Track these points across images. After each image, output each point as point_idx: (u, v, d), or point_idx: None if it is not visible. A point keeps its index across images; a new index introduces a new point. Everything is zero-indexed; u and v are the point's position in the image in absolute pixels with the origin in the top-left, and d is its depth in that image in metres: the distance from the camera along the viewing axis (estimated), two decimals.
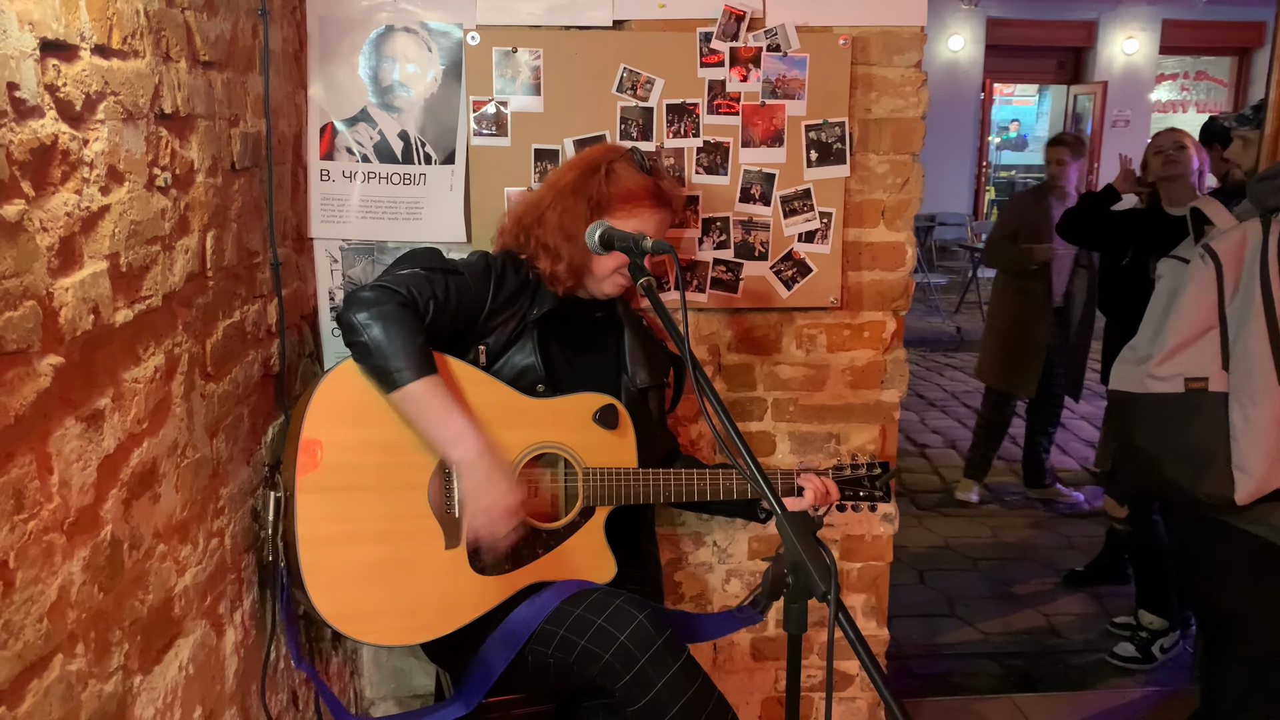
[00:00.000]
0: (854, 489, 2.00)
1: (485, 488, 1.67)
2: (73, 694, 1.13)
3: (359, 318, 1.66)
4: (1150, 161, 3.53)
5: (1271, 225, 1.77)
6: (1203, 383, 1.80)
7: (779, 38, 2.21)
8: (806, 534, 1.25)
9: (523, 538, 1.79)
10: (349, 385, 1.72)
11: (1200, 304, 1.81)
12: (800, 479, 1.92)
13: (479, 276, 1.84)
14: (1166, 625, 3.40)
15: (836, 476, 1.98)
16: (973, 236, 11.34)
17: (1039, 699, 3.15)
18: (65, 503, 1.12)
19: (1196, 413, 1.80)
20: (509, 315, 1.86)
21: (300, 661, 1.80)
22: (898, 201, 2.34)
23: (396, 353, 1.64)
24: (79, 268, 1.15)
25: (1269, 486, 1.76)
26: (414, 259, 1.82)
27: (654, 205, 1.89)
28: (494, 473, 1.68)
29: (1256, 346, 1.74)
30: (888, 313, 2.39)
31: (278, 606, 1.79)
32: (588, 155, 1.94)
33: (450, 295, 1.78)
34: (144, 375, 1.33)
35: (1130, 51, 13.46)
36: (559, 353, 1.92)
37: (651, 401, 2.02)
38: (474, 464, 1.67)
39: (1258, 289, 1.75)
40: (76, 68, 1.15)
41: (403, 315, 1.68)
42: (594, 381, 1.91)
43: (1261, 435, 1.75)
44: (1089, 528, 4.54)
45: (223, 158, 1.65)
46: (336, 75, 2.17)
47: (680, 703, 1.62)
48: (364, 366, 1.70)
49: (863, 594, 2.53)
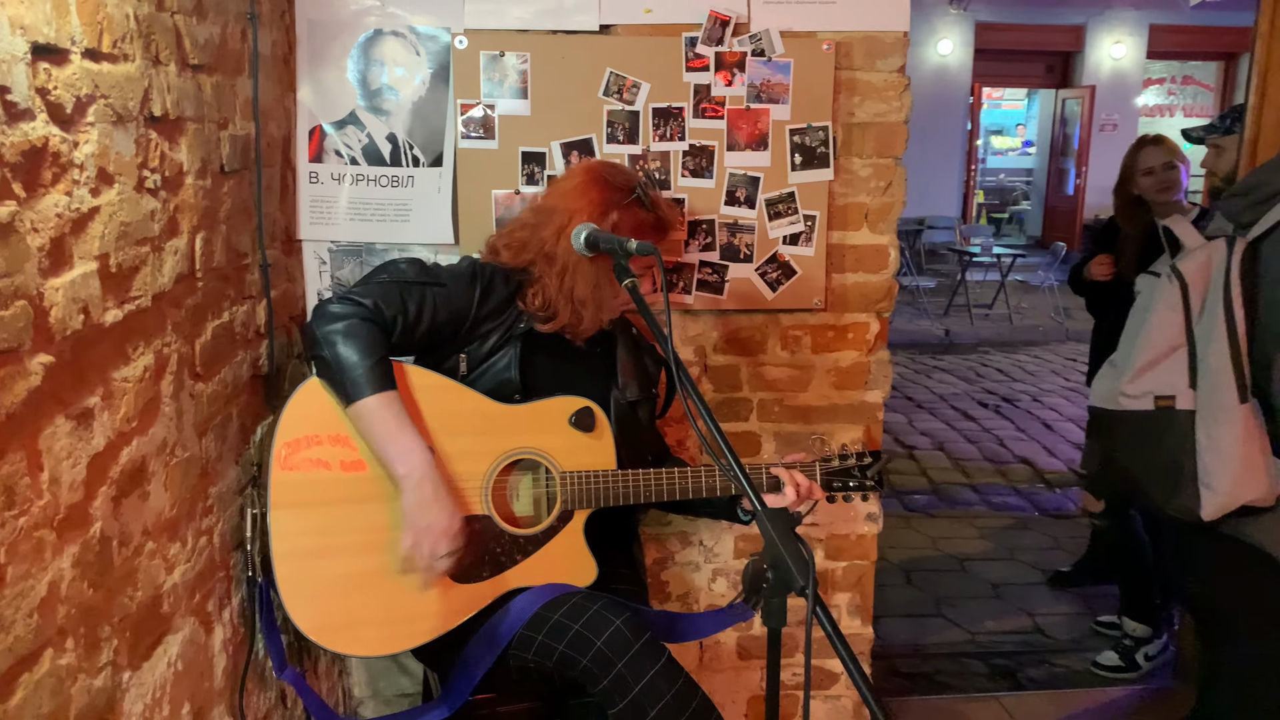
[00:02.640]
0: (844, 479, 1.98)
1: (426, 507, 1.67)
2: (62, 688, 1.14)
3: (321, 331, 1.67)
4: (1140, 182, 3.38)
5: (1235, 245, 1.80)
6: (1171, 400, 1.84)
7: (763, 42, 2.23)
8: (785, 529, 1.27)
9: (500, 544, 1.81)
10: (319, 399, 1.73)
11: (1168, 323, 1.85)
12: (783, 475, 1.90)
13: (463, 286, 1.83)
14: (1150, 632, 3.42)
15: (825, 469, 1.96)
16: (961, 240, 11.40)
17: (1025, 698, 3.18)
18: (56, 499, 1.13)
19: (1166, 430, 1.84)
20: (495, 325, 1.86)
21: (283, 670, 1.81)
22: (881, 204, 2.37)
23: (351, 368, 1.65)
24: (69, 268, 1.17)
25: (1235, 503, 1.79)
26: (393, 269, 1.81)
27: (658, 239, 1.90)
28: (436, 493, 1.68)
29: (1219, 365, 1.77)
30: (871, 314, 2.42)
31: (259, 619, 1.80)
32: (595, 200, 1.85)
33: (425, 308, 1.77)
34: (133, 375, 1.35)
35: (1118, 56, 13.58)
36: (546, 363, 1.90)
37: (641, 411, 2.01)
38: (417, 482, 1.67)
39: (1221, 308, 1.78)
40: (67, 71, 1.17)
41: (364, 330, 1.68)
42: (579, 391, 1.88)
43: (1226, 453, 1.78)
44: (1075, 528, 4.58)
45: (212, 160, 1.67)
46: (325, 78, 2.19)
47: (659, 706, 1.63)
48: (323, 380, 1.71)
49: (848, 593, 2.56)
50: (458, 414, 1.78)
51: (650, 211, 1.89)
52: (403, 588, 1.74)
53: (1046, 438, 6.17)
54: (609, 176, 1.90)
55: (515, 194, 2.24)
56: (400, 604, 1.75)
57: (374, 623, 1.74)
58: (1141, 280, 1.96)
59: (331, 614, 1.72)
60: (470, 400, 1.80)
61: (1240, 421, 1.77)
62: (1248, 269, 1.79)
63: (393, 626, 1.75)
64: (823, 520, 2.50)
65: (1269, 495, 1.80)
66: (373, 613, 1.73)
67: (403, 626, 1.75)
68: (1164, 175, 3.32)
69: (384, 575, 1.74)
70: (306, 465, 1.71)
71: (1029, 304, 10.40)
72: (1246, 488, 1.79)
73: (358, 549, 1.73)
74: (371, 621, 1.73)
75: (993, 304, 10.22)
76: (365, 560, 1.73)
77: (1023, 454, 5.83)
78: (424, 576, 1.71)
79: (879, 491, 2.04)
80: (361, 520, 1.73)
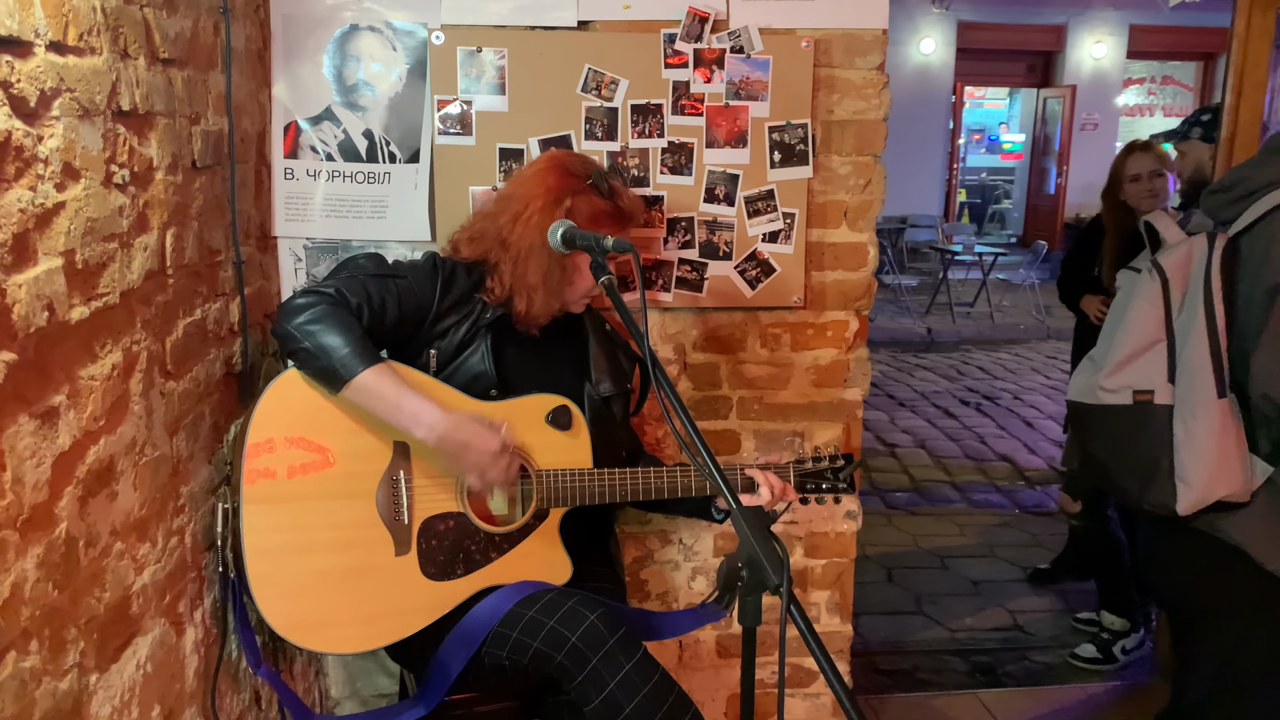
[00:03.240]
0: (817, 481, 2.00)
1: (466, 451, 1.68)
2: (26, 691, 1.12)
3: (293, 325, 1.66)
4: (1127, 188, 3.35)
5: (1216, 241, 1.80)
6: (1149, 395, 1.84)
7: (742, 39, 2.23)
8: (760, 528, 1.26)
9: (475, 542, 1.80)
10: (292, 396, 1.71)
11: (1147, 317, 1.85)
12: (758, 476, 1.91)
13: (424, 278, 1.83)
14: (1128, 626, 3.44)
15: (799, 470, 1.97)
16: (944, 238, 11.44)
17: (1004, 694, 3.19)
18: (18, 499, 1.11)
19: (1143, 425, 1.84)
20: (460, 318, 1.85)
21: (259, 666, 1.80)
22: (860, 202, 2.37)
23: (337, 348, 1.65)
24: (33, 264, 1.15)
25: (1210, 498, 1.80)
26: (353, 265, 1.82)
27: (618, 228, 1.90)
28: (464, 429, 1.68)
29: (1198, 360, 1.78)
30: (850, 312, 2.42)
31: (232, 614, 1.78)
32: (550, 186, 1.85)
33: (388, 299, 1.77)
34: (101, 373, 1.33)
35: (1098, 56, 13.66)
36: (516, 357, 1.90)
37: (615, 406, 2.01)
38: (442, 435, 1.67)
39: (1201, 304, 1.78)
40: (30, 64, 1.15)
41: (336, 314, 1.67)
42: (553, 386, 1.89)
43: (1202, 447, 1.78)
44: (1055, 526, 4.60)
45: (183, 155, 1.65)
46: (301, 74, 2.17)
47: (634, 701, 1.62)
48: (308, 372, 1.69)
49: (826, 590, 2.56)
50: None
51: (608, 199, 1.89)
52: (375, 586, 1.73)
53: (1027, 435, 6.20)
54: (568, 164, 1.91)
55: (493, 190, 2.22)
56: (373, 602, 1.73)
57: (347, 621, 1.72)
58: (1122, 276, 1.96)
59: (304, 612, 1.70)
60: (447, 397, 1.79)
61: (1218, 416, 1.77)
62: (1228, 264, 1.79)
63: (366, 624, 1.73)
64: (801, 518, 2.50)
65: (1244, 491, 1.81)
66: (346, 611, 1.72)
67: (376, 624, 1.74)
68: (1150, 183, 3.31)
69: (357, 573, 1.73)
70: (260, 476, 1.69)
71: (1010, 302, 10.46)
72: (1222, 483, 1.80)
73: (331, 546, 1.72)
74: (345, 620, 1.72)
75: (974, 302, 10.26)
76: (339, 558, 1.72)
77: (1004, 451, 5.86)
78: (509, 491, 1.80)
79: (850, 494, 2.05)
80: (336, 517, 1.72)
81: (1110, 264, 3.38)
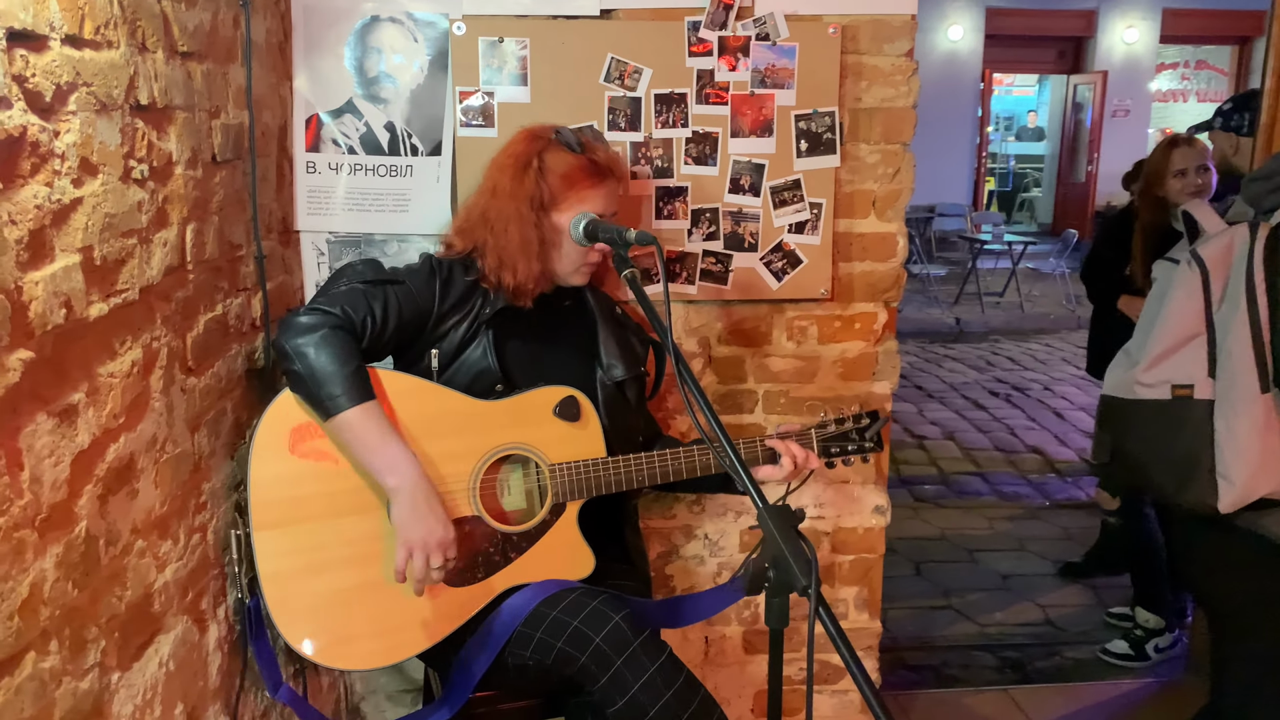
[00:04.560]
0: (842, 444, 1.93)
1: (419, 519, 1.64)
2: (46, 691, 1.12)
3: (291, 345, 1.63)
4: (1170, 184, 3.23)
5: (1259, 231, 1.75)
6: (1189, 390, 1.79)
7: (768, 26, 2.19)
8: (787, 526, 1.23)
9: (493, 543, 1.78)
10: (292, 416, 1.69)
11: (1186, 310, 1.79)
12: (778, 446, 1.85)
13: (424, 281, 1.80)
14: (1162, 625, 3.37)
15: (821, 435, 1.91)
16: (972, 227, 11.31)
17: (1035, 691, 3.14)
18: (37, 499, 1.10)
19: (1183, 420, 1.79)
20: (461, 317, 1.82)
21: (277, 690, 1.78)
22: (889, 191, 2.32)
23: (329, 380, 1.61)
24: (50, 261, 1.14)
25: (1252, 495, 1.75)
26: (351, 273, 1.79)
27: (595, 182, 1.84)
28: (429, 502, 1.65)
29: (1240, 353, 1.73)
30: (879, 304, 2.38)
31: (250, 641, 1.76)
32: (515, 153, 1.85)
33: (390, 308, 1.74)
34: (120, 370, 1.32)
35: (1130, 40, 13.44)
36: (521, 350, 1.87)
37: (629, 391, 1.96)
38: (409, 493, 1.63)
39: (1243, 295, 1.73)
40: (46, 58, 1.13)
41: (337, 340, 1.64)
42: (562, 376, 1.85)
43: (1244, 444, 1.73)
44: (1086, 519, 4.53)
45: (203, 150, 1.63)
46: (322, 66, 2.16)
47: (658, 705, 1.59)
48: (298, 394, 1.67)
49: (854, 586, 2.52)
50: (438, 415, 1.74)
51: (579, 154, 1.84)
52: (395, 598, 1.71)
53: (1058, 427, 6.12)
54: (533, 130, 1.89)
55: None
56: (394, 614, 1.71)
57: (369, 635, 1.71)
58: (1158, 267, 1.91)
59: (325, 631, 1.69)
60: (450, 400, 1.76)
61: (1260, 412, 1.72)
62: (1271, 254, 1.74)
63: (388, 637, 1.72)
64: (829, 513, 2.47)
65: None
66: (367, 626, 1.70)
67: (398, 636, 1.72)
68: (1196, 178, 3.21)
69: (375, 587, 1.71)
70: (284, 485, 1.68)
71: (1040, 292, 10.32)
72: (1265, 480, 1.74)
73: (346, 563, 1.70)
74: (366, 635, 1.71)
75: (1004, 292, 10.14)
76: (354, 574, 1.70)
77: (1034, 443, 5.79)
78: (418, 586, 1.67)
79: (879, 451, 1.98)
80: (347, 534, 1.70)
81: (1142, 261, 3.30)
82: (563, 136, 1.86)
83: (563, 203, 1.82)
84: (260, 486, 1.67)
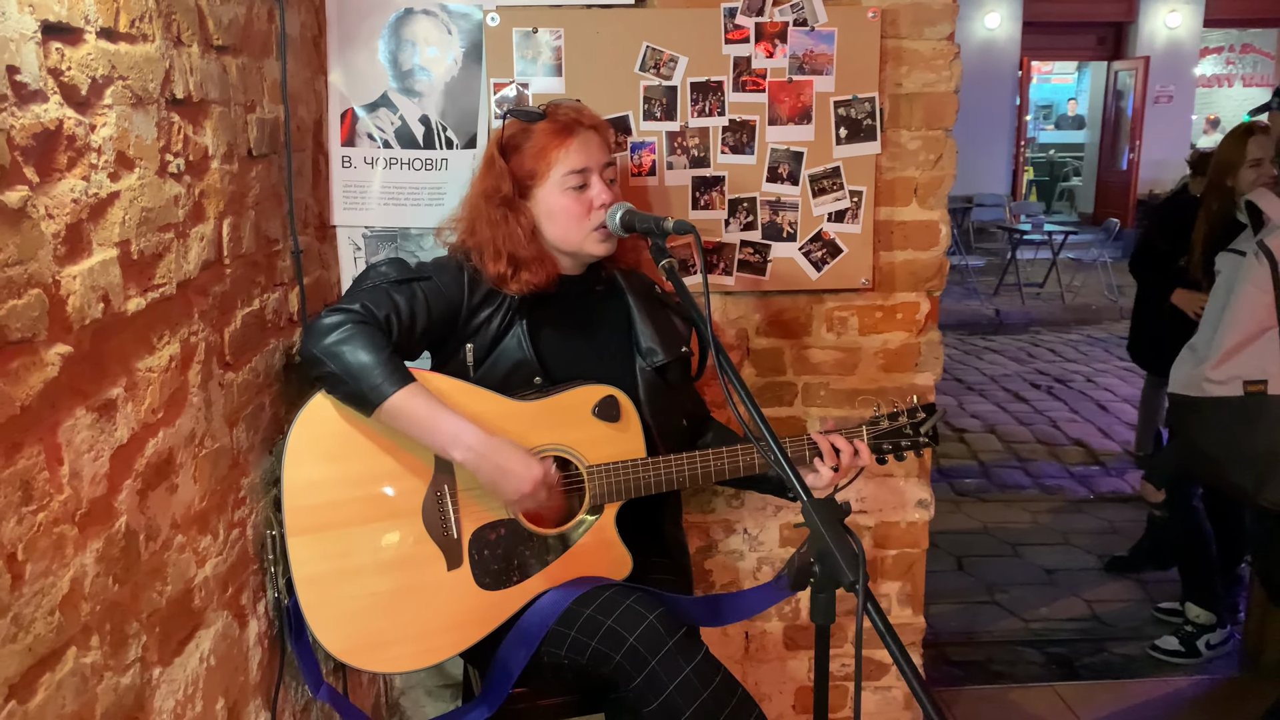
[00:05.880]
0: (895, 440, 1.88)
1: (503, 477, 1.63)
2: (87, 687, 1.11)
3: (320, 348, 1.61)
4: (1244, 174, 3.08)
5: None
6: (1262, 385, 1.73)
7: (806, 12, 2.15)
8: (834, 521, 1.20)
9: (529, 546, 1.76)
10: (324, 421, 1.68)
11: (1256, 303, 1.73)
12: (824, 444, 1.80)
13: (451, 276, 1.78)
14: (1214, 620, 3.29)
15: (874, 432, 1.86)
16: (1011, 217, 11.15)
17: (1082, 688, 3.08)
18: (76, 494, 1.10)
19: (1257, 417, 1.73)
20: (493, 310, 1.78)
21: (319, 689, 1.78)
22: (930, 178, 2.28)
23: (366, 372, 1.59)
24: (87, 255, 1.13)
25: None
26: (375, 274, 1.76)
27: (563, 140, 1.76)
28: (503, 455, 1.63)
29: None
30: (921, 293, 2.33)
31: (289, 642, 1.76)
32: (490, 150, 1.82)
33: (418, 304, 1.72)
34: (158, 364, 1.31)
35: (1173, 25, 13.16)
36: (556, 338, 1.83)
37: (671, 374, 1.90)
38: (480, 457, 1.62)
39: None
40: (81, 51, 1.13)
41: (364, 333, 1.62)
42: (600, 364, 1.82)
43: None
44: (1130, 512, 4.45)
45: (239, 144, 1.63)
46: (356, 60, 2.15)
47: (694, 705, 1.57)
48: (338, 396, 1.65)
49: (897, 581, 2.48)
50: (474, 416, 1.70)
51: (539, 120, 1.78)
52: (430, 603, 1.70)
53: (1101, 419, 6.02)
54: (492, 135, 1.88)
55: None
56: (429, 619, 1.70)
57: (403, 640, 1.70)
58: (1222, 259, 1.85)
59: (360, 635, 1.68)
60: (486, 401, 1.74)
61: None
62: None
63: (424, 640, 1.71)
64: (871, 507, 2.43)
65: None
66: (401, 630, 1.69)
67: (434, 639, 1.71)
68: (1272, 168, 3.06)
69: (410, 591, 1.70)
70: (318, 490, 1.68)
71: (1081, 282, 10.15)
72: None
73: (380, 568, 1.69)
74: (401, 639, 1.69)
75: (1044, 282, 9.99)
76: (389, 579, 1.69)
77: (1077, 436, 5.69)
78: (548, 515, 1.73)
79: (934, 446, 1.93)
80: (380, 539, 1.69)
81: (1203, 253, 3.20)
82: (516, 113, 1.82)
83: (541, 176, 1.77)
84: (294, 492, 1.66)
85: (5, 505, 0.97)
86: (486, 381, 1.77)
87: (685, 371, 1.97)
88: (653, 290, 1.98)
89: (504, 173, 1.78)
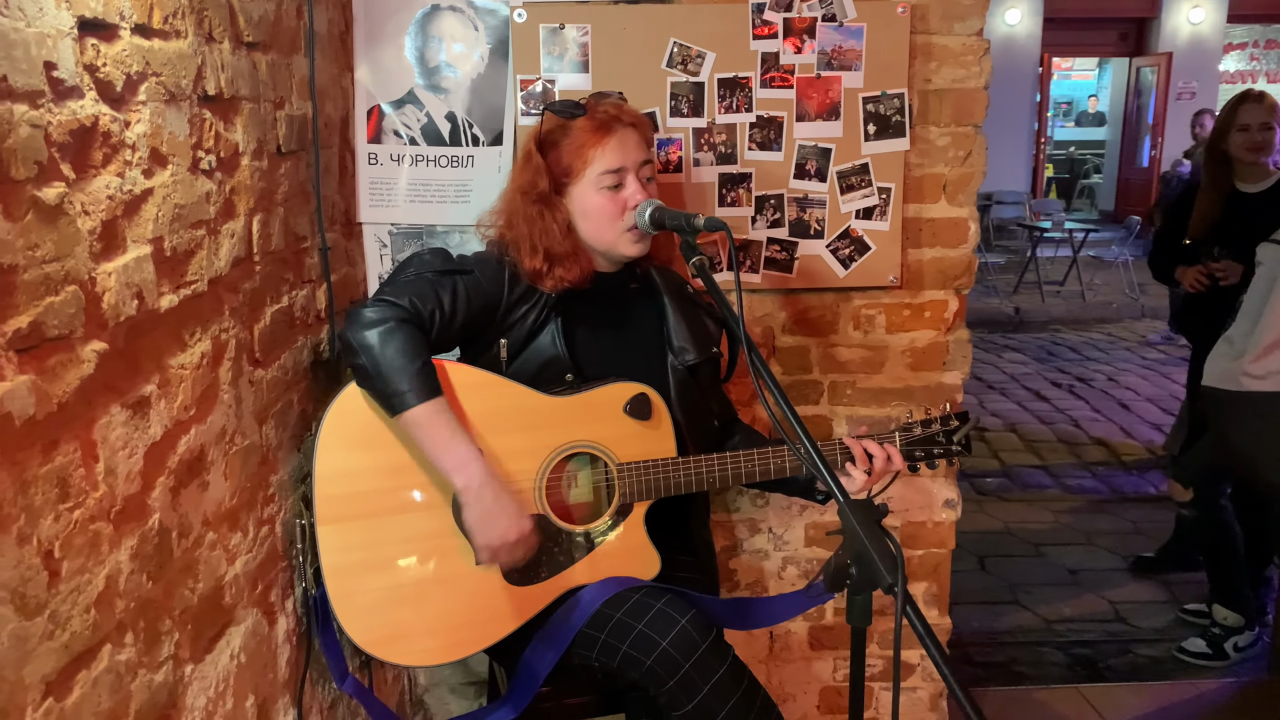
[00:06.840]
0: (927, 448, 1.85)
1: (492, 519, 1.61)
2: (122, 684, 1.11)
3: (357, 339, 1.60)
4: (1233, 138, 3.21)
5: None
6: None
7: (834, 7, 2.13)
8: (870, 522, 1.19)
9: (558, 543, 1.74)
10: (357, 410, 1.67)
11: None
12: (855, 448, 1.78)
13: (492, 270, 1.76)
14: (1242, 622, 3.25)
15: (906, 439, 1.84)
16: (1031, 215, 11.07)
17: (1107, 689, 3.05)
18: (112, 491, 1.10)
19: None
20: (530, 305, 1.77)
21: (344, 680, 1.78)
22: (959, 175, 2.25)
23: (395, 376, 1.58)
24: (122, 252, 1.13)
25: None
26: (419, 262, 1.74)
27: (601, 138, 1.74)
28: (499, 501, 1.61)
29: None
30: (949, 291, 2.31)
31: (316, 632, 1.76)
32: (522, 148, 1.84)
33: (459, 299, 1.71)
34: (190, 361, 1.31)
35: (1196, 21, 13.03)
36: (589, 335, 1.82)
37: (702, 374, 1.89)
38: (477, 493, 1.60)
39: None
40: (116, 47, 1.12)
41: (404, 334, 1.60)
42: (632, 362, 1.80)
43: None
44: (1155, 512, 4.40)
45: (268, 141, 1.63)
46: (383, 57, 2.14)
47: (728, 706, 1.56)
48: (365, 389, 1.64)
49: (924, 582, 2.46)
50: (505, 411, 1.70)
51: (574, 117, 1.76)
52: (456, 596, 1.69)
53: (1123, 418, 5.96)
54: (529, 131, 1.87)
55: None
56: (454, 613, 1.69)
57: (430, 633, 1.69)
58: (1263, 250, 1.83)
59: (386, 627, 1.67)
60: (518, 396, 1.72)
61: None
62: None
63: (450, 634, 1.70)
64: (897, 507, 2.41)
65: None
66: (428, 623, 1.69)
67: (460, 634, 1.70)
68: (1258, 135, 3.18)
69: (436, 584, 1.69)
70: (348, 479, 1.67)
71: (1102, 280, 10.06)
72: None
73: (408, 560, 1.68)
74: (428, 632, 1.69)
75: (1064, 280, 9.92)
76: (416, 570, 1.68)
77: (1099, 435, 5.64)
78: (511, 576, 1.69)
79: (966, 454, 1.90)
80: (410, 530, 1.68)
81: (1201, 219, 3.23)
82: (554, 108, 1.80)
83: (577, 174, 1.76)
84: (324, 481, 1.66)
85: (43, 502, 0.97)
86: (519, 377, 1.75)
87: (715, 372, 1.96)
88: (684, 289, 1.96)
89: (540, 169, 1.76)
